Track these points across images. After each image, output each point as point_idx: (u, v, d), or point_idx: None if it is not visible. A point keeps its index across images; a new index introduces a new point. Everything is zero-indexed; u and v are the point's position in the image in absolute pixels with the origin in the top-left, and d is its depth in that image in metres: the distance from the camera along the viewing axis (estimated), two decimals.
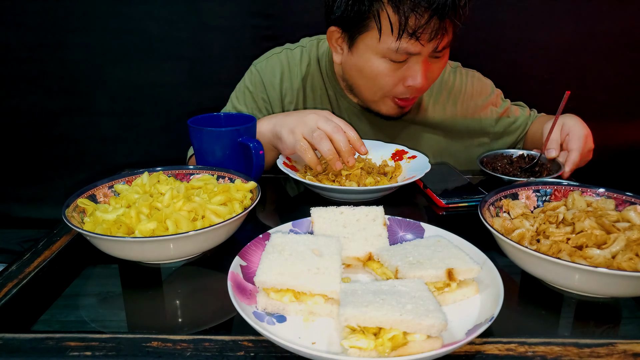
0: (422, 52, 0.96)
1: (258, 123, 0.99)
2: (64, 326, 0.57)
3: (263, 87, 1.19)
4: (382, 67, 1.00)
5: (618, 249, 0.62)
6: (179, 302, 0.63)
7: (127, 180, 0.82)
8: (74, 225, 0.65)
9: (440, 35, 0.93)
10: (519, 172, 1.00)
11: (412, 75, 0.99)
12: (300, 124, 0.92)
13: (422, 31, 0.92)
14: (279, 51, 1.22)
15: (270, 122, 0.99)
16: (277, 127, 0.96)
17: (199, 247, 0.69)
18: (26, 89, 1.67)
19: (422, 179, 0.95)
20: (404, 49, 0.95)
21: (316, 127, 0.90)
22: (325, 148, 0.88)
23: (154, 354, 0.52)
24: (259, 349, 0.53)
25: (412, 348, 0.49)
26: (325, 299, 0.56)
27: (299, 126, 0.92)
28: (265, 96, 1.19)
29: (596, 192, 0.76)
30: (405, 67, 1.00)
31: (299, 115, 0.95)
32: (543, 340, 0.54)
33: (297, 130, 0.92)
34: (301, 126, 0.91)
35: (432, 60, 1.01)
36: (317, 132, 0.89)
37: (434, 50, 0.97)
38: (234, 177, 0.83)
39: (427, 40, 0.93)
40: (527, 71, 1.67)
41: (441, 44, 0.96)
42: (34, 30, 1.60)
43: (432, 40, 0.94)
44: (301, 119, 0.93)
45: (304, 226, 0.73)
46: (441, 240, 0.67)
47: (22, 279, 0.66)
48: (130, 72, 1.66)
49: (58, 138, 1.74)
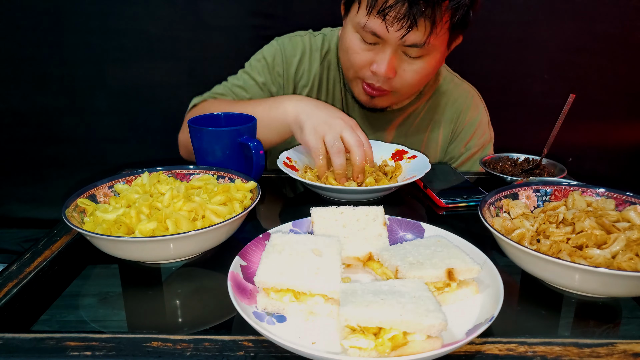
0: (387, 39, 0.95)
1: (285, 99, 1.00)
2: (64, 326, 0.57)
3: (281, 61, 1.20)
4: (354, 43, 1.02)
5: (618, 249, 0.62)
6: (179, 302, 0.63)
7: (127, 180, 0.82)
8: (74, 225, 0.65)
9: (409, 24, 0.92)
10: (519, 172, 1.00)
11: (378, 60, 1.00)
12: (326, 125, 0.92)
13: (388, 11, 0.91)
14: (302, 34, 1.23)
15: (298, 106, 0.98)
16: (302, 117, 0.95)
17: (199, 247, 0.69)
18: (26, 89, 1.67)
19: (422, 179, 0.95)
20: (370, 27, 0.95)
21: (339, 136, 0.90)
22: (338, 162, 0.89)
23: (154, 354, 0.52)
24: (259, 349, 0.53)
25: (412, 348, 0.49)
26: (325, 299, 0.56)
27: (323, 127, 0.92)
28: (281, 70, 1.20)
29: (596, 192, 0.76)
30: (374, 52, 1.00)
31: (327, 113, 0.95)
32: (543, 340, 0.54)
33: (320, 130, 0.91)
34: (326, 128, 0.91)
35: (405, 58, 1.00)
36: (338, 143, 0.89)
37: (403, 42, 0.95)
38: (234, 177, 0.83)
39: (392, 22, 0.92)
40: (527, 71, 1.67)
41: (410, 37, 0.94)
42: (34, 30, 1.60)
43: (399, 28, 0.92)
44: (328, 119, 0.93)
45: (304, 226, 0.73)
46: (441, 240, 0.67)
47: (22, 279, 0.66)
48: (130, 72, 1.66)
49: (58, 138, 1.74)
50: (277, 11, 1.59)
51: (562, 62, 1.65)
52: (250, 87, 1.19)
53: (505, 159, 1.07)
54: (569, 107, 0.97)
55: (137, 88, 1.68)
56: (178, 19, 1.60)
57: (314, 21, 1.29)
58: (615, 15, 1.59)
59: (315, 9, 1.56)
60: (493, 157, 1.06)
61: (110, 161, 1.77)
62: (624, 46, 1.63)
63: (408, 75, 1.03)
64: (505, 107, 1.64)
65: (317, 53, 1.21)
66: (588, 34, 1.61)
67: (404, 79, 1.03)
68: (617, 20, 1.59)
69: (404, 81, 1.04)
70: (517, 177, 0.96)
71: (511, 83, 1.69)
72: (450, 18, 0.95)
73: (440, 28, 0.95)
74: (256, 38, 1.60)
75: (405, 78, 1.03)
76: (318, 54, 1.21)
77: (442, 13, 0.93)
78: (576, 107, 1.00)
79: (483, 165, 1.02)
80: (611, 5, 1.58)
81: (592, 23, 1.60)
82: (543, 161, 1.02)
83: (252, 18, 1.60)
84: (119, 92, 1.69)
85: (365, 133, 0.95)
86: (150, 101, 1.69)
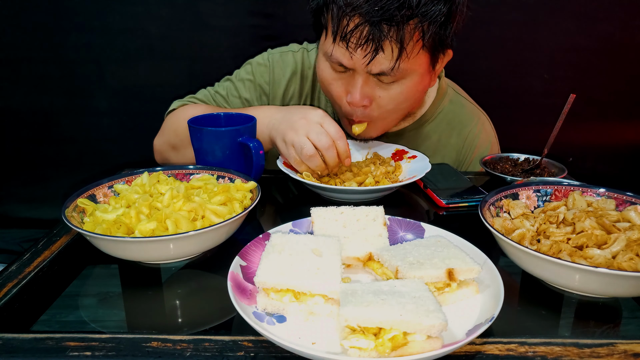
0: (354, 67, 0.91)
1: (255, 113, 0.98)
2: (64, 326, 0.57)
3: (269, 80, 1.15)
4: (326, 72, 0.98)
5: (618, 249, 0.62)
6: (179, 302, 0.63)
7: (127, 180, 0.82)
8: (74, 225, 0.65)
9: (373, 49, 0.86)
10: (519, 172, 1.00)
11: (350, 89, 0.95)
12: (292, 131, 0.89)
13: (349, 36, 0.87)
14: (296, 49, 1.17)
15: (269, 123, 0.96)
16: (272, 132, 0.94)
17: (199, 247, 0.68)
18: (26, 89, 1.67)
19: (422, 179, 0.95)
20: (336, 57, 0.92)
21: (306, 139, 0.86)
22: (313, 165, 0.88)
23: (154, 354, 0.52)
24: (259, 349, 0.53)
25: (412, 348, 0.49)
26: (325, 299, 0.56)
27: (290, 134, 0.89)
28: (267, 89, 1.15)
29: (596, 192, 0.76)
30: (346, 80, 0.96)
31: (290, 118, 0.91)
32: (543, 340, 0.54)
33: (288, 139, 0.89)
34: (292, 134, 0.88)
35: (378, 84, 0.94)
36: (306, 148, 0.86)
37: (369, 70, 0.90)
38: (234, 177, 0.83)
39: (354, 48, 0.87)
40: (527, 71, 1.67)
41: (376, 64, 0.89)
42: (34, 30, 1.60)
43: (364, 54, 0.87)
44: (293, 124, 0.89)
45: (304, 226, 0.73)
46: (441, 240, 0.67)
47: (22, 279, 0.66)
48: (130, 72, 1.66)
49: (58, 138, 1.74)
50: (277, 11, 1.59)
51: (562, 62, 1.65)
52: (232, 99, 1.16)
53: (505, 159, 1.07)
54: (569, 107, 0.96)
55: (137, 88, 1.68)
56: (178, 19, 1.60)
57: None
58: (615, 15, 1.59)
59: None
60: (493, 157, 1.06)
61: (110, 161, 1.77)
62: (624, 46, 1.63)
63: (384, 102, 0.96)
64: (506, 107, 1.64)
65: (309, 71, 1.15)
66: (588, 34, 1.61)
67: (381, 106, 0.97)
68: (617, 20, 1.59)
69: (382, 108, 0.97)
70: (517, 177, 0.96)
71: (511, 83, 1.69)
72: (422, 37, 0.88)
73: (410, 49, 0.88)
74: (256, 38, 1.60)
75: (382, 104, 0.97)
76: (311, 72, 1.15)
77: (410, 33, 0.86)
78: (576, 107, 1.00)
79: (483, 165, 1.02)
80: (611, 5, 1.58)
81: (592, 23, 1.60)
82: (543, 161, 1.02)
83: (252, 18, 1.60)
84: (119, 92, 1.69)
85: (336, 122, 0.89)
86: (150, 101, 1.69)
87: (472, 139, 1.18)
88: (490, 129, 1.23)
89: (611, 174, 1.78)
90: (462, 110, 1.20)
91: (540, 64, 1.66)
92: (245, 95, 1.16)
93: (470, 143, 1.19)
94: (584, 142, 1.74)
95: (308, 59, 1.16)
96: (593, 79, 1.67)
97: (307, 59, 1.16)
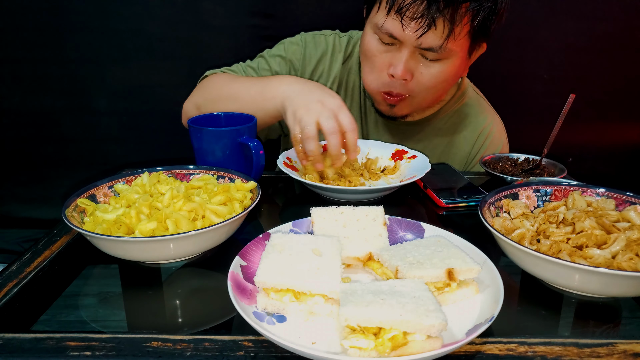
0: (404, 40, 0.95)
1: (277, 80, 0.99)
2: (64, 326, 0.57)
3: (300, 57, 1.18)
4: (372, 44, 1.01)
5: (618, 249, 0.62)
6: (179, 302, 0.63)
7: (127, 180, 0.82)
8: (74, 225, 0.65)
9: (427, 23, 0.90)
10: (519, 172, 1.00)
11: (394, 62, 0.99)
12: (304, 109, 0.88)
13: (406, 10, 0.90)
14: (328, 34, 1.22)
15: (287, 90, 0.96)
16: (286, 102, 0.94)
17: (199, 247, 0.68)
18: (26, 89, 1.67)
19: (422, 179, 0.95)
20: (387, 28, 0.95)
21: (314, 121, 0.86)
22: (308, 148, 0.87)
23: (154, 354, 0.52)
24: (259, 349, 0.53)
25: (412, 348, 0.49)
26: (325, 299, 0.56)
27: (301, 111, 0.89)
28: (298, 66, 1.19)
29: (596, 192, 0.76)
30: (391, 53, 0.99)
31: (309, 97, 0.91)
32: (543, 340, 0.54)
33: (298, 115, 0.89)
34: (303, 112, 0.88)
35: (422, 60, 0.98)
36: (310, 128, 0.86)
37: (419, 45, 0.94)
38: (234, 177, 0.83)
39: (409, 22, 0.91)
40: (527, 71, 1.67)
41: (427, 39, 0.93)
42: (34, 30, 1.60)
43: (417, 28, 0.91)
44: (309, 103, 0.89)
45: (304, 226, 0.73)
46: (441, 240, 0.67)
47: (22, 279, 0.66)
48: (130, 72, 1.66)
49: (58, 138, 1.74)
50: (277, 11, 1.59)
51: (562, 62, 1.65)
52: (263, 72, 1.18)
53: (505, 159, 1.07)
54: (569, 107, 0.96)
55: (137, 88, 1.68)
56: (178, 19, 1.59)
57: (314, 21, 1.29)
58: (615, 15, 1.59)
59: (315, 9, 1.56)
60: (493, 157, 1.06)
61: (110, 161, 1.77)
62: (624, 46, 1.63)
63: (425, 79, 1.01)
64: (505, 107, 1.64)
65: (339, 54, 1.19)
66: (588, 34, 1.61)
67: (421, 82, 1.01)
68: (617, 20, 1.59)
69: (421, 84, 1.02)
70: (517, 177, 0.96)
71: (511, 83, 1.69)
72: (471, 21, 0.93)
73: (459, 31, 0.93)
74: (256, 38, 1.60)
75: (422, 81, 1.01)
76: (341, 55, 1.19)
77: (461, 15, 0.91)
78: (576, 107, 1.00)
79: (483, 165, 1.02)
80: (611, 5, 1.58)
81: (592, 23, 1.60)
82: (543, 161, 1.02)
83: (252, 18, 1.60)
84: (119, 92, 1.68)
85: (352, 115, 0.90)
86: (150, 101, 1.69)
87: (486, 136, 1.23)
88: (503, 132, 1.27)
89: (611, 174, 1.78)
90: (479, 109, 1.24)
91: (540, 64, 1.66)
92: (276, 69, 1.19)
93: (483, 140, 1.23)
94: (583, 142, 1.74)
95: (339, 44, 1.20)
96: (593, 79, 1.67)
97: (338, 44, 1.20)
